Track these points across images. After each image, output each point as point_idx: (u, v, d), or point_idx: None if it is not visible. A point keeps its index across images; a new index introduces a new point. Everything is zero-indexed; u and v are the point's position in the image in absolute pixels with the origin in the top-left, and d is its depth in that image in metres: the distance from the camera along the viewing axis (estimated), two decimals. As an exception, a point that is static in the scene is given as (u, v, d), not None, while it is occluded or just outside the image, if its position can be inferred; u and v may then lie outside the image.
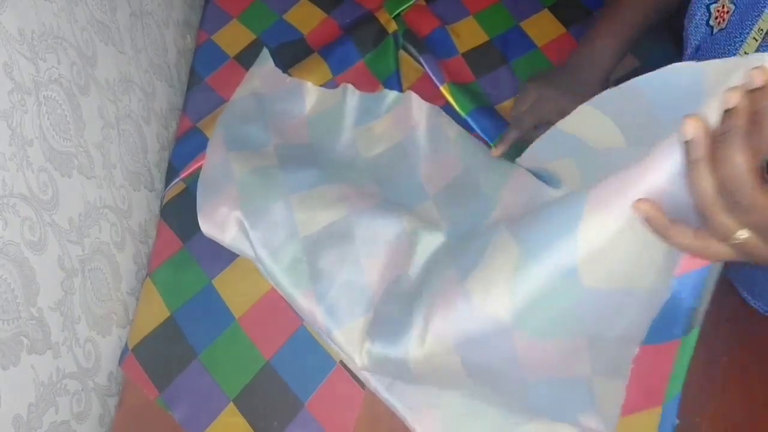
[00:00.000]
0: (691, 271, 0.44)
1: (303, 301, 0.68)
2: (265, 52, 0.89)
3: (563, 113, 0.60)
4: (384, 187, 0.76)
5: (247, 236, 0.72)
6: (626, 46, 0.74)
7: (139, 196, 0.77)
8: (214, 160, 0.78)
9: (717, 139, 0.36)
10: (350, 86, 0.84)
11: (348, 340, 0.65)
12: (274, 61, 0.89)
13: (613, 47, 0.73)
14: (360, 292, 0.68)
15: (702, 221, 0.38)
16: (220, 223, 0.73)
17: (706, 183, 0.36)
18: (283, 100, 0.85)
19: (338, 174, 0.77)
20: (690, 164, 0.37)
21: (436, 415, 0.63)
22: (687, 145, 0.37)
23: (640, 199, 0.41)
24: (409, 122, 0.81)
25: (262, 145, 0.80)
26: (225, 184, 0.75)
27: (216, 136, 0.81)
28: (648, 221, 0.41)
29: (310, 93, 0.85)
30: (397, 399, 0.64)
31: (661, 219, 0.40)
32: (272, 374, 0.68)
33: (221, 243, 0.74)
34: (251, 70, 0.88)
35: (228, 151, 0.78)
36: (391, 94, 0.83)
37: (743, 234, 0.36)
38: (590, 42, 0.74)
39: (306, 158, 0.79)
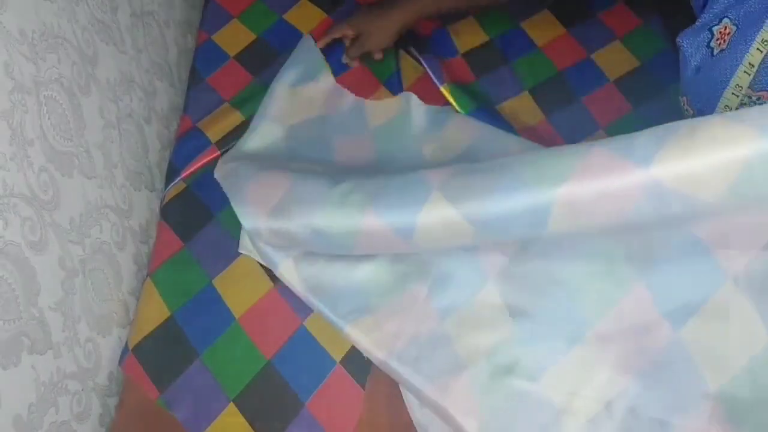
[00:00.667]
0: None
1: (366, 222, 0.61)
2: (308, 39, 0.90)
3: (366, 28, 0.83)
4: None
5: (288, 213, 0.66)
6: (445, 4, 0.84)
7: (140, 196, 0.77)
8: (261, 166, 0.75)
9: None
10: (414, 96, 0.83)
11: (437, 207, 0.58)
12: (276, 62, 0.89)
13: None
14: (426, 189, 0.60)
15: None
16: (264, 206, 0.69)
17: None
18: (344, 118, 0.84)
19: None
20: None
21: (465, 381, 0.61)
22: None
23: None
24: (472, 132, 0.80)
25: (326, 161, 0.79)
26: (275, 178, 0.71)
27: (269, 141, 0.80)
28: None
29: (371, 107, 0.84)
30: (424, 378, 0.61)
31: None
32: (272, 374, 0.68)
33: (258, 231, 0.69)
34: (294, 56, 0.88)
35: (284, 160, 0.76)
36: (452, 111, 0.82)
37: None
38: None
39: (370, 169, 0.77)
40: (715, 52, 0.61)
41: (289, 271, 0.70)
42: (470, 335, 0.63)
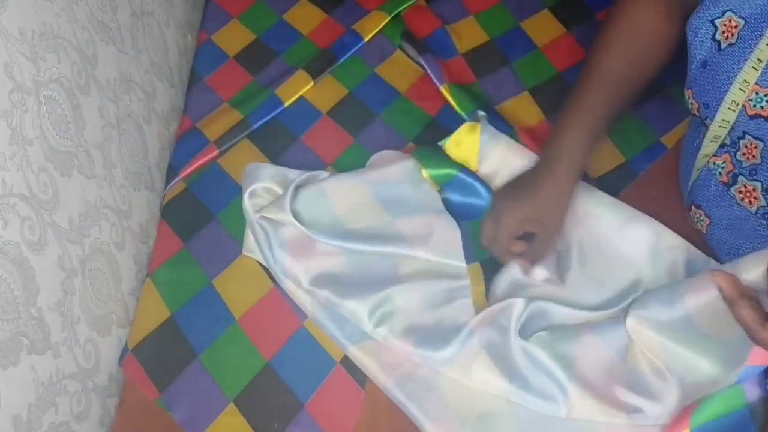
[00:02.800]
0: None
1: (399, 345, 0.67)
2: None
3: (536, 220, 0.66)
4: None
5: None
6: (598, 133, 0.66)
7: (140, 196, 0.77)
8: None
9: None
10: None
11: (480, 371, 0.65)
12: (275, 62, 0.89)
13: (582, 140, 0.65)
14: (455, 330, 0.67)
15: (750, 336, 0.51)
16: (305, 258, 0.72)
17: (746, 312, 0.51)
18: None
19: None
20: (729, 302, 0.52)
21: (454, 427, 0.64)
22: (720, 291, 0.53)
23: (715, 271, 0.53)
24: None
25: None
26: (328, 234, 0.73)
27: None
28: (721, 290, 0.52)
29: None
30: (422, 413, 0.64)
31: (732, 289, 0.52)
32: (272, 375, 0.68)
33: (286, 272, 0.71)
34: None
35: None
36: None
37: None
38: (558, 138, 0.66)
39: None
40: (723, 45, 0.59)
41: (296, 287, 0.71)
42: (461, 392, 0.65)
